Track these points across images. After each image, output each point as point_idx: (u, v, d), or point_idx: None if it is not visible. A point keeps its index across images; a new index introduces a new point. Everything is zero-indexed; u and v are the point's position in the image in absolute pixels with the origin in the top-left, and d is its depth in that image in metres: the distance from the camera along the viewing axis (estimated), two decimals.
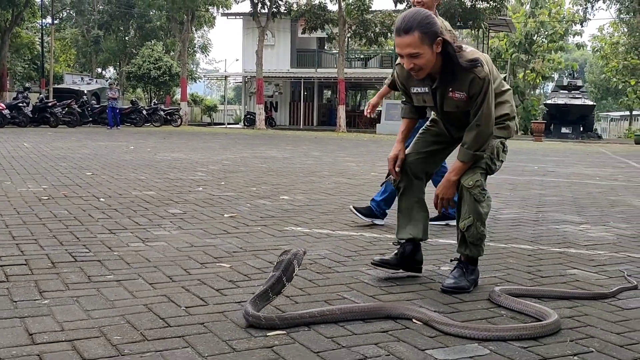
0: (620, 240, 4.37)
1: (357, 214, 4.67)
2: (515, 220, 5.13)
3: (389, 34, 31.52)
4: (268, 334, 2.27)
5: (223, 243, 3.87)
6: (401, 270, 3.18)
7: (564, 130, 33.04)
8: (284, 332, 2.30)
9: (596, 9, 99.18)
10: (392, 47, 37.07)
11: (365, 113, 4.94)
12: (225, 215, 4.90)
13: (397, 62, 3.04)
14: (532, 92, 45.86)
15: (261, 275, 3.11)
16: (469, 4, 28.25)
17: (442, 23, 4.59)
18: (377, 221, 4.64)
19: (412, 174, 3.10)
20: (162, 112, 28.77)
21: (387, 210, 4.65)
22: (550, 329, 2.37)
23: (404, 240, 3.14)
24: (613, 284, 3.12)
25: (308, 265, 3.32)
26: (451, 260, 3.17)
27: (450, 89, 2.86)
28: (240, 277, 3.08)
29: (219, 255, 3.54)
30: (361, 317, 2.48)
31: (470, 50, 2.85)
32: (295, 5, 31.37)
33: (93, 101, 28.64)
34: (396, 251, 3.16)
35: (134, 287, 2.83)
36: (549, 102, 35.10)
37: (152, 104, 31.24)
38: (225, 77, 42.54)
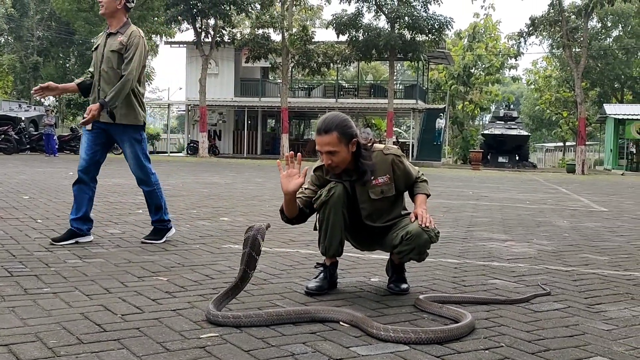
0: (540, 255, 4.66)
1: (61, 243, 4.35)
2: (446, 238, 5.37)
3: (331, 65, 32.13)
4: (201, 336, 2.38)
5: (161, 259, 3.95)
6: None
7: (500, 159, 34.14)
8: (217, 334, 2.42)
9: (530, 44, 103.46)
10: (335, 78, 37.79)
11: (33, 92, 4.73)
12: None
13: (314, 167, 3.30)
14: (471, 123, 47.29)
15: (197, 287, 3.22)
16: (408, 36, 29.09)
17: (138, 31, 4.51)
18: (84, 239, 4.46)
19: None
20: None
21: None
22: (465, 330, 2.56)
23: (328, 263, 3.28)
24: (529, 292, 3.36)
25: None
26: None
27: (373, 177, 3.17)
28: (177, 288, 3.18)
29: (157, 269, 3.63)
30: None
31: (383, 146, 3.23)
32: (239, 35, 31.63)
33: (31, 128, 28.02)
34: (322, 275, 3.26)
35: (71, 298, 2.89)
36: (486, 132, 36.27)
37: None
38: (169, 105, 42.30)
